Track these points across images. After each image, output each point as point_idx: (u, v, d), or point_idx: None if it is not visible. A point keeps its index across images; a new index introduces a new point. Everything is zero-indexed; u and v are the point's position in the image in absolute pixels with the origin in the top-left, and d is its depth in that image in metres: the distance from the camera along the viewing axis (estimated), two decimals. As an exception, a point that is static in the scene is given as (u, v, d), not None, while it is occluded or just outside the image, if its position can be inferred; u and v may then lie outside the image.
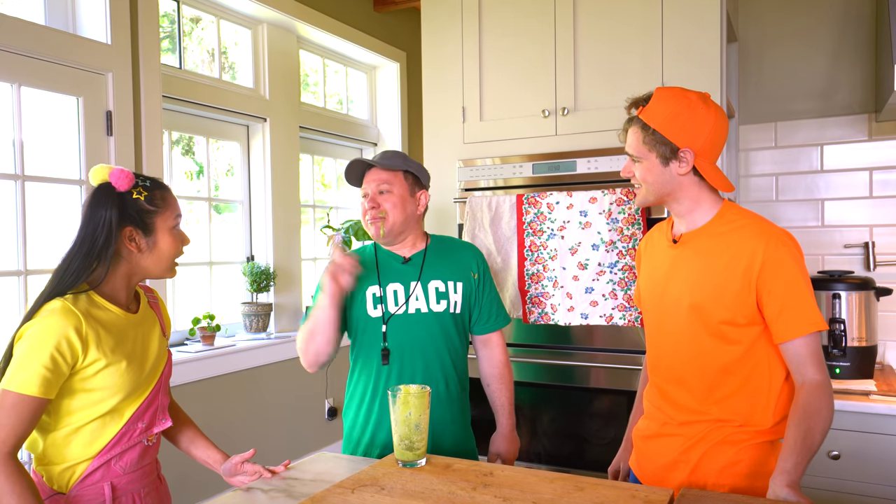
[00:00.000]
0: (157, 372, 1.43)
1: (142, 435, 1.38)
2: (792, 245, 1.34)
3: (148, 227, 1.36)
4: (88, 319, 1.29)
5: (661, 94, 1.40)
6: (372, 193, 1.69)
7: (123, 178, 1.34)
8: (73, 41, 2.45)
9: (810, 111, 2.64)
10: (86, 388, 1.30)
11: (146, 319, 1.44)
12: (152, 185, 1.40)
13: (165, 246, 1.39)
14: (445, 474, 1.33)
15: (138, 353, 1.38)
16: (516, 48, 2.53)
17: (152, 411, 1.41)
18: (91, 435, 1.32)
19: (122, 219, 1.33)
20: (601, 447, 2.39)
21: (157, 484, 1.47)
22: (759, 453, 1.37)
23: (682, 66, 2.27)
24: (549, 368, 2.44)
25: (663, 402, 1.48)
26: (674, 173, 1.39)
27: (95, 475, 1.33)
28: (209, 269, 3.29)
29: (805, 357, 1.30)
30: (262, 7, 3.28)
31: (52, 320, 1.25)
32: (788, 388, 1.37)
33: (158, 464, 1.51)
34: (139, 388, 1.37)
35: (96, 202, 1.32)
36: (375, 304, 1.72)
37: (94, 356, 1.29)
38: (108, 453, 1.33)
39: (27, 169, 2.34)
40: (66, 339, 1.25)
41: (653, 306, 1.51)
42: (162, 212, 1.38)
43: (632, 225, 2.23)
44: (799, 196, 2.66)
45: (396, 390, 1.40)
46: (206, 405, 2.92)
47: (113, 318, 1.34)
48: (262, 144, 3.46)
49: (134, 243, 1.35)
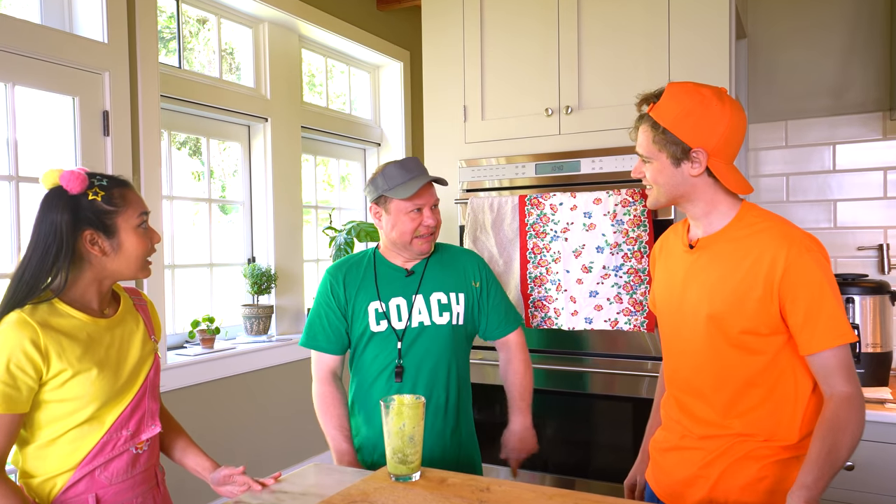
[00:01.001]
0: (139, 376, 1.37)
1: (128, 443, 1.33)
2: (817, 250, 1.26)
3: (109, 229, 1.30)
4: (47, 330, 1.23)
5: (673, 89, 1.32)
6: (431, 210, 1.68)
7: (75, 180, 1.27)
8: (69, 40, 2.41)
9: (822, 109, 2.57)
10: (56, 399, 1.25)
11: (125, 323, 1.39)
12: (110, 183, 1.32)
13: (131, 246, 1.32)
14: (440, 489, 1.27)
15: (112, 359, 1.32)
16: (518, 45, 2.47)
17: (138, 417, 1.35)
18: (70, 445, 1.27)
19: (79, 222, 1.27)
20: (607, 455, 2.33)
21: (154, 493, 1.41)
22: (784, 470, 1.30)
23: (689, 63, 2.20)
24: (553, 374, 2.38)
25: (682, 414, 1.41)
26: (686, 174, 1.31)
27: (78, 486, 1.28)
28: (210, 271, 3.25)
29: (833, 369, 1.23)
30: (264, 6, 3.23)
31: (6, 334, 1.21)
32: (816, 400, 1.30)
33: (160, 472, 1.46)
34: (118, 394, 1.32)
35: (46, 207, 1.27)
36: (378, 320, 1.67)
37: (59, 367, 1.24)
38: (91, 463, 1.28)
39: (21, 170, 2.30)
40: (22, 353, 1.20)
41: (669, 315, 1.44)
42: (122, 211, 1.31)
43: (637, 227, 2.17)
44: (810, 197, 2.59)
45: (390, 401, 1.34)
46: (206, 409, 2.88)
47: (79, 325, 1.29)
48: (263, 145, 3.41)
49: (97, 247, 1.29)
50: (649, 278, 2.16)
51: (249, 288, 3.26)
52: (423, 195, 1.66)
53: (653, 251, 1.57)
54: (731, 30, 2.17)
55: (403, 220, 1.65)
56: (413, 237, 1.66)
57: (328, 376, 1.73)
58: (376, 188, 1.69)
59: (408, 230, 1.65)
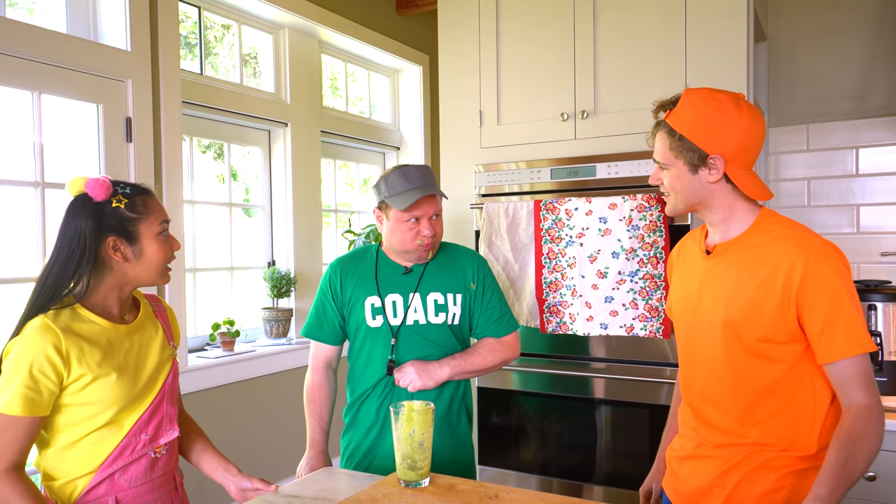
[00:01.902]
0: (157, 381, 1.40)
1: (147, 447, 1.36)
2: (836, 258, 1.24)
3: (131, 235, 1.33)
4: (68, 335, 1.27)
5: (690, 96, 1.31)
6: (431, 220, 1.69)
7: (99, 188, 1.30)
8: (94, 48, 2.46)
9: (844, 112, 2.52)
10: (76, 403, 1.28)
11: (144, 329, 1.42)
12: (133, 191, 1.35)
13: (152, 253, 1.35)
14: (448, 496, 1.28)
15: (131, 364, 1.35)
16: (534, 50, 2.47)
17: (156, 422, 1.38)
18: (90, 449, 1.30)
19: (102, 229, 1.30)
20: (622, 462, 2.31)
21: (172, 496, 1.44)
22: (801, 481, 1.27)
23: (706, 67, 2.18)
24: (568, 380, 2.37)
25: (698, 422, 1.39)
26: (703, 181, 1.30)
27: (99, 489, 1.31)
28: (230, 275, 3.30)
29: (851, 379, 1.21)
30: (284, 12, 3.27)
31: (30, 339, 1.24)
32: (835, 410, 1.27)
33: (179, 475, 1.48)
34: (137, 398, 1.35)
35: (71, 214, 1.30)
36: (374, 315, 1.71)
37: (79, 371, 1.27)
38: (111, 467, 1.31)
39: (47, 176, 2.36)
40: (45, 357, 1.24)
41: (685, 321, 1.42)
42: (145, 218, 1.34)
43: (653, 232, 2.15)
44: (832, 201, 2.54)
45: (399, 406, 1.35)
46: (226, 411, 2.92)
47: (99, 330, 1.32)
48: (283, 149, 3.45)
49: (119, 253, 1.33)
50: (665, 284, 2.14)
51: (269, 291, 3.30)
52: (421, 206, 1.66)
53: (670, 256, 1.56)
54: (748, 33, 2.15)
55: (402, 229, 1.68)
56: (413, 245, 1.69)
57: (321, 365, 1.80)
58: (378, 193, 1.72)
59: (406, 239, 1.68)
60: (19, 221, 2.33)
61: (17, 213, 2.34)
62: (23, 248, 2.33)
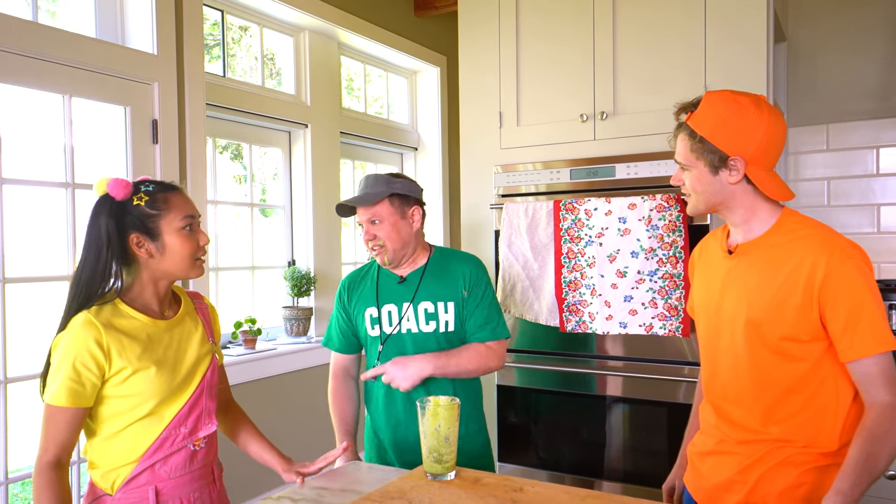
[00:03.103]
0: (196, 376, 1.44)
1: (186, 440, 1.40)
2: (858, 257, 1.25)
3: (152, 232, 1.37)
4: (109, 330, 1.32)
5: (710, 98, 1.33)
6: (366, 226, 1.74)
7: (118, 187, 1.35)
8: (122, 52, 2.52)
9: (865, 112, 2.52)
10: (118, 395, 1.34)
11: (183, 324, 1.46)
12: (157, 188, 1.39)
13: (175, 247, 1.38)
14: (474, 489, 1.31)
15: (171, 358, 1.40)
16: (554, 52, 2.49)
17: (196, 416, 1.42)
18: (132, 439, 1.35)
19: (125, 226, 1.36)
20: (640, 460, 2.33)
21: (210, 488, 1.47)
22: (822, 477, 1.29)
23: (726, 67, 2.19)
24: (586, 378, 2.39)
25: (719, 420, 1.41)
26: (724, 182, 1.32)
27: (140, 479, 1.35)
28: (251, 274, 3.35)
29: (874, 377, 1.22)
30: (305, 15, 3.32)
31: (74, 333, 1.30)
32: (857, 408, 1.29)
33: (217, 468, 1.52)
34: (175, 391, 1.39)
35: (95, 213, 1.36)
36: (373, 325, 1.79)
37: (120, 364, 1.32)
38: (151, 457, 1.36)
39: (77, 177, 2.42)
40: (87, 351, 1.29)
41: (706, 320, 1.44)
42: (165, 214, 1.37)
43: (672, 232, 2.17)
44: (853, 201, 2.54)
45: (426, 402, 1.38)
46: (248, 407, 2.94)
47: (139, 325, 1.37)
48: (303, 150, 3.50)
49: (143, 249, 1.37)
50: (685, 283, 2.16)
51: (289, 290, 3.34)
52: (359, 213, 1.75)
53: (692, 256, 1.57)
54: (768, 34, 2.16)
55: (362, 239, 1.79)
56: (370, 252, 1.77)
57: (339, 372, 1.91)
58: None
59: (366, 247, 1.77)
60: (51, 221, 2.40)
61: (49, 214, 2.40)
62: (54, 247, 2.40)
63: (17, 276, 2.26)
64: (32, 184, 2.32)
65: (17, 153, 2.30)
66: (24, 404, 2.28)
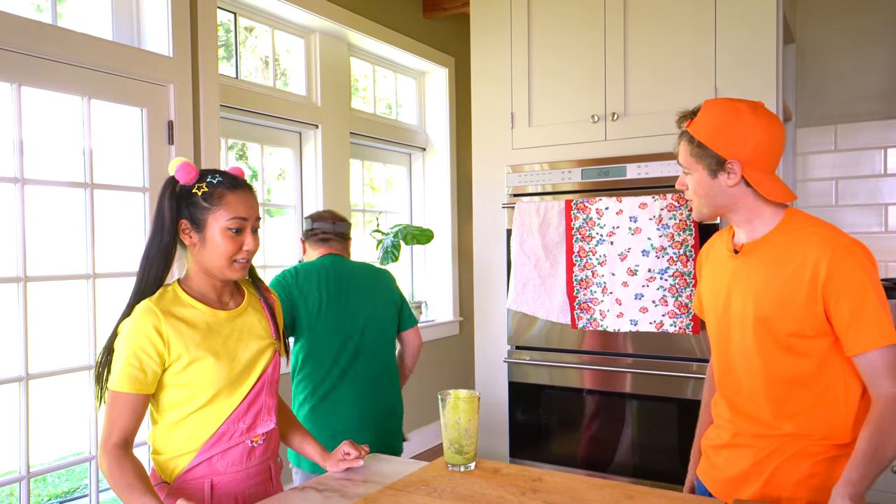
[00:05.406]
0: (256, 369, 1.43)
1: (244, 435, 1.40)
2: (861, 254, 1.29)
3: (199, 223, 1.38)
4: (168, 317, 1.34)
5: (709, 105, 1.39)
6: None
7: (184, 172, 1.37)
8: (138, 55, 2.56)
9: (873, 113, 2.55)
10: (176, 384, 1.35)
11: (245, 316, 1.46)
12: (220, 183, 1.39)
13: (215, 244, 1.37)
14: (494, 478, 1.34)
15: (229, 350, 1.39)
16: (565, 53, 2.53)
17: (255, 412, 1.42)
18: (193, 429, 1.36)
19: (179, 210, 1.38)
20: (649, 455, 2.36)
21: (267, 486, 1.47)
22: (835, 466, 1.33)
23: (736, 69, 2.23)
24: (595, 375, 2.43)
25: (734, 414, 1.45)
26: (723, 185, 1.37)
27: (198, 470, 1.36)
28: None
29: (879, 370, 1.26)
30: (315, 17, 3.36)
31: (134, 320, 1.33)
32: (867, 402, 1.32)
33: (276, 465, 1.51)
34: (233, 384, 1.38)
35: (160, 193, 1.39)
36: None
37: (178, 352, 1.33)
38: (210, 450, 1.37)
39: (96, 177, 2.46)
40: (146, 337, 1.31)
41: (716, 318, 1.48)
42: (215, 210, 1.37)
43: (683, 231, 2.20)
44: (860, 201, 2.57)
45: (446, 395, 1.42)
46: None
47: (198, 314, 1.38)
48: (313, 151, 3.54)
49: (188, 237, 1.39)
50: (695, 281, 2.19)
51: (301, 289, 3.37)
52: None
53: (699, 255, 1.61)
54: (778, 35, 2.19)
55: None
56: None
57: None
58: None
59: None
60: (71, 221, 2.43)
61: (69, 213, 2.44)
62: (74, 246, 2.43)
63: (39, 274, 2.30)
64: (52, 184, 2.36)
65: (38, 154, 2.34)
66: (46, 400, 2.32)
